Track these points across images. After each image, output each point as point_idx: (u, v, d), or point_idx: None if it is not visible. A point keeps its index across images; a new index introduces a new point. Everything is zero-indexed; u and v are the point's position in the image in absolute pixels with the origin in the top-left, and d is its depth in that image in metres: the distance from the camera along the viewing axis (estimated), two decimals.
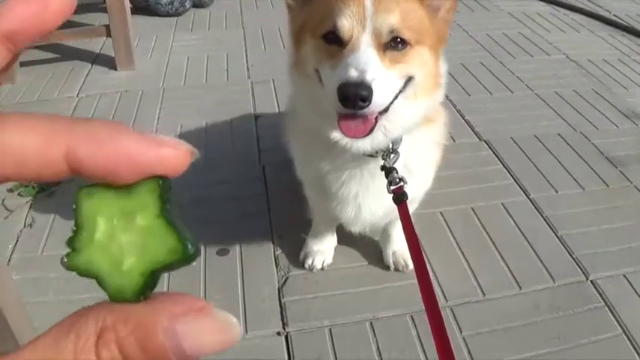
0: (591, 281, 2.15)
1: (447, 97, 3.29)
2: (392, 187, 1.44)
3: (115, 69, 3.86)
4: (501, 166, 2.79)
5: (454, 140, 2.96)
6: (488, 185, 2.66)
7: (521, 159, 2.85)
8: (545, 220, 2.45)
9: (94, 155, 0.29)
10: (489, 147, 2.94)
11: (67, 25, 4.49)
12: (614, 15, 4.79)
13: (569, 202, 2.56)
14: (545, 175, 2.73)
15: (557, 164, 2.82)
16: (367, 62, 1.30)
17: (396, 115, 1.46)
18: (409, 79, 1.43)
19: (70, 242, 0.31)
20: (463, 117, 3.21)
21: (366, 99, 1.27)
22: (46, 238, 2.38)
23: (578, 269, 2.20)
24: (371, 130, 1.39)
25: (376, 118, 1.39)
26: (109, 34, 3.80)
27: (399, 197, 1.40)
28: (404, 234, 1.30)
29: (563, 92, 3.50)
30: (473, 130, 3.09)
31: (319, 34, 1.41)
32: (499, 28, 4.49)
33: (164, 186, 0.30)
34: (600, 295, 2.09)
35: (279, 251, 2.29)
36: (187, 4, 4.81)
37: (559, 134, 3.07)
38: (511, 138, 3.02)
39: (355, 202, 1.73)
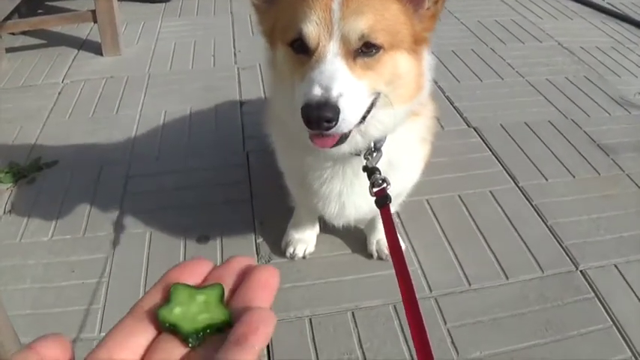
0: (581, 271, 2.10)
1: (436, 83, 3.28)
2: (374, 190, 1.33)
3: (101, 55, 3.81)
4: (490, 153, 2.74)
5: (442, 127, 2.91)
6: (476, 172, 2.60)
7: (510, 146, 2.80)
8: (534, 208, 2.40)
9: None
10: (478, 134, 2.89)
11: (54, 10, 4.46)
12: (608, 3, 4.74)
13: (560, 190, 2.51)
14: (535, 163, 2.68)
15: (548, 152, 2.77)
16: (333, 76, 1.17)
17: (374, 121, 1.36)
18: (379, 95, 1.30)
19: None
20: (452, 104, 3.15)
21: (332, 120, 1.15)
22: (25, 224, 2.33)
23: (568, 259, 2.16)
24: (341, 140, 1.28)
25: None
26: (95, 20, 3.75)
27: (382, 200, 1.29)
28: (386, 238, 1.20)
29: (555, 79, 3.45)
30: (462, 117, 3.04)
31: (287, 41, 1.28)
32: (490, 15, 4.44)
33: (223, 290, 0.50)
34: (590, 285, 2.04)
35: (260, 239, 2.24)
36: None
37: (550, 121, 3.01)
38: (500, 125, 2.96)
39: (339, 200, 1.65)
